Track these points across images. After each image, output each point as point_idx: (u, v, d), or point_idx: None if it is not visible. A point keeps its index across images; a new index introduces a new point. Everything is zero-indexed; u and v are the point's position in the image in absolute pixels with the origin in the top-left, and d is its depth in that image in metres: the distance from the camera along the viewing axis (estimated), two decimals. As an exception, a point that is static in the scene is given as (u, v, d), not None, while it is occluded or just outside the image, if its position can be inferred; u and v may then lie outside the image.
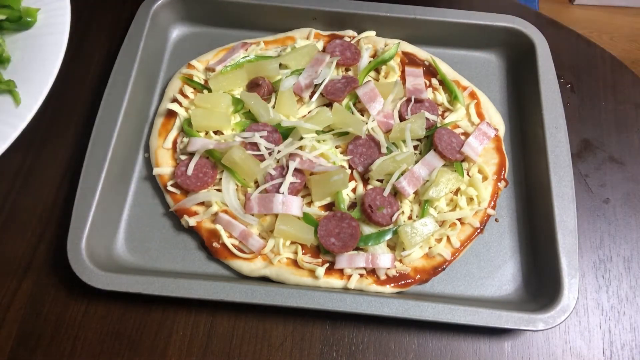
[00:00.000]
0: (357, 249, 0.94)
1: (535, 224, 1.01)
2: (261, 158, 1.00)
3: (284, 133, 1.03)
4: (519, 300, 0.96)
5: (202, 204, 0.99)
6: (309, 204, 0.99)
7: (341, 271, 0.93)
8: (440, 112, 1.11)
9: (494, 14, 1.18)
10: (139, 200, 1.03)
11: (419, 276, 0.94)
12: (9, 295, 0.94)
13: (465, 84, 1.15)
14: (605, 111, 1.18)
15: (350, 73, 1.15)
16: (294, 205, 0.95)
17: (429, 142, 1.04)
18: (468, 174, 1.04)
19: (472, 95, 1.13)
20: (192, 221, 0.97)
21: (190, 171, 0.99)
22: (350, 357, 0.92)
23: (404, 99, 1.09)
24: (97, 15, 1.25)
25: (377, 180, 1.00)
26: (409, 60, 1.16)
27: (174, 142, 1.05)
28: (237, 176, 0.99)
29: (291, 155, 0.99)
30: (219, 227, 0.96)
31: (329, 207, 1.00)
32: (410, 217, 0.99)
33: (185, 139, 1.04)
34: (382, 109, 1.06)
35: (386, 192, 0.96)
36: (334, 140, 1.04)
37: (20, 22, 1.08)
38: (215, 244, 0.95)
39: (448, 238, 0.97)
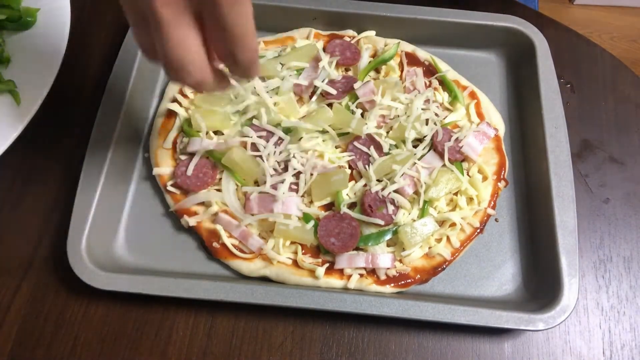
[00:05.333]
0: (357, 249, 0.94)
1: (535, 224, 1.01)
2: (261, 158, 1.00)
3: (284, 133, 1.03)
4: (519, 300, 0.96)
5: (202, 204, 0.99)
6: (309, 203, 0.99)
7: (341, 271, 0.93)
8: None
9: (494, 14, 1.17)
10: (139, 200, 1.03)
11: (419, 276, 0.94)
12: (9, 295, 0.94)
13: (465, 83, 1.15)
14: (605, 111, 1.18)
15: (350, 73, 1.15)
16: (294, 205, 0.95)
17: (429, 142, 1.04)
18: (468, 174, 1.04)
19: (472, 95, 1.13)
20: (192, 221, 0.97)
21: (190, 171, 0.99)
22: (350, 357, 0.92)
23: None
24: (97, 15, 1.25)
25: (377, 180, 1.00)
26: (409, 60, 1.16)
27: (174, 142, 1.05)
28: (237, 176, 0.99)
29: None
30: (219, 227, 0.96)
31: (329, 207, 1.00)
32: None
33: (185, 139, 1.04)
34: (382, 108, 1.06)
35: (386, 192, 0.96)
36: (334, 140, 1.04)
37: (20, 22, 1.08)
38: (215, 244, 0.95)
39: (448, 238, 0.97)
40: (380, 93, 1.06)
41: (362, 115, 1.06)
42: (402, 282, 0.93)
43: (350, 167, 1.03)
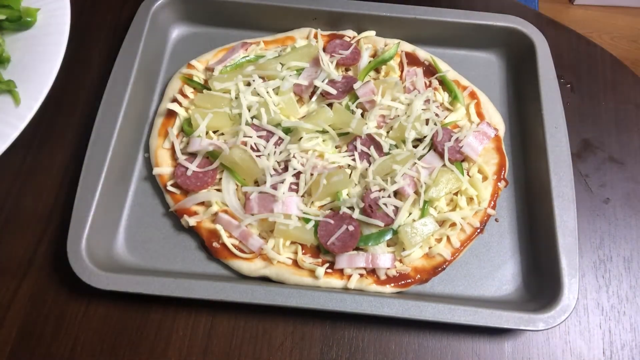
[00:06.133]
0: (357, 249, 0.94)
1: (535, 224, 1.01)
2: (261, 158, 0.99)
3: (284, 133, 1.03)
4: (519, 300, 0.96)
5: (202, 204, 0.99)
6: (309, 204, 0.99)
7: (341, 271, 0.93)
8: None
9: (494, 14, 1.18)
10: (139, 200, 1.03)
11: (419, 276, 0.94)
12: (9, 295, 0.94)
13: (465, 83, 1.15)
14: (605, 111, 1.18)
15: (350, 73, 1.15)
16: (294, 205, 0.95)
17: (429, 142, 1.04)
18: (468, 174, 1.04)
19: (472, 95, 1.13)
20: (192, 221, 0.97)
21: (190, 171, 0.99)
22: (350, 357, 0.92)
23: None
24: (97, 15, 1.25)
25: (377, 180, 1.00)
26: (409, 60, 1.16)
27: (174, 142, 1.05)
28: (237, 176, 0.99)
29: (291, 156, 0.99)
30: (219, 227, 0.96)
31: (329, 207, 1.00)
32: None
33: (185, 139, 1.04)
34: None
35: (386, 192, 0.96)
36: (334, 140, 1.04)
37: (20, 22, 1.08)
38: (215, 244, 0.95)
39: (448, 238, 0.97)
40: (380, 93, 1.06)
41: (362, 115, 1.06)
42: (402, 282, 0.93)
43: (350, 167, 1.03)
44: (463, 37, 1.20)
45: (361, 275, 0.93)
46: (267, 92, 1.06)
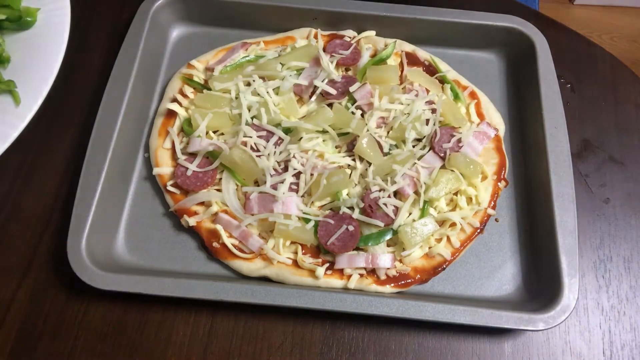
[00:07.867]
0: (357, 249, 0.94)
1: (535, 224, 1.01)
2: (261, 158, 0.99)
3: (284, 133, 1.03)
4: (519, 300, 0.96)
5: (202, 204, 0.99)
6: (309, 204, 0.99)
7: (341, 271, 0.93)
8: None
9: (494, 14, 1.17)
10: (139, 200, 1.03)
11: (419, 276, 0.94)
12: (9, 295, 0.94)
13: (465, 83, 1.15)
14: (605, 111, 1.18)
15: (350, 73, 1.15)
16: (294, 205, 0.95)
17: (429, 142, 1.04)
18: (468, 174, 1.03)
19: (472, 95, 1.13)
20: (192, 221, 0.97)
21: (190, 171, 0.99)
22: (350, 357, 0.92)
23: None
24: (97, 15, 1.25)
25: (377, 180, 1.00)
26: (409, 60, 1.16)
27: (174, 142, 1.05)
28: (237, 176, 0.99)
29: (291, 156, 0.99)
30: (219, 227, 0.96)
31: (329, 207, 1.00)
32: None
33: (186, 139, 1.04)
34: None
35: (386, 192, 0.96)
36: (334, 140, 1.04)
37: (20, 22, 1.08)
38: (215, 244, 0.95)
39: (448, 238, 0.97)
40: (378, 97, 1.06)
41: (361, 115, 1.06)
42: (402, 282, 0.93)
43: (350, 167, 1.02)
44: (463, 37, 1.20)
45: (361, 275, 0.93)
46: (267, 92, 1.06)
